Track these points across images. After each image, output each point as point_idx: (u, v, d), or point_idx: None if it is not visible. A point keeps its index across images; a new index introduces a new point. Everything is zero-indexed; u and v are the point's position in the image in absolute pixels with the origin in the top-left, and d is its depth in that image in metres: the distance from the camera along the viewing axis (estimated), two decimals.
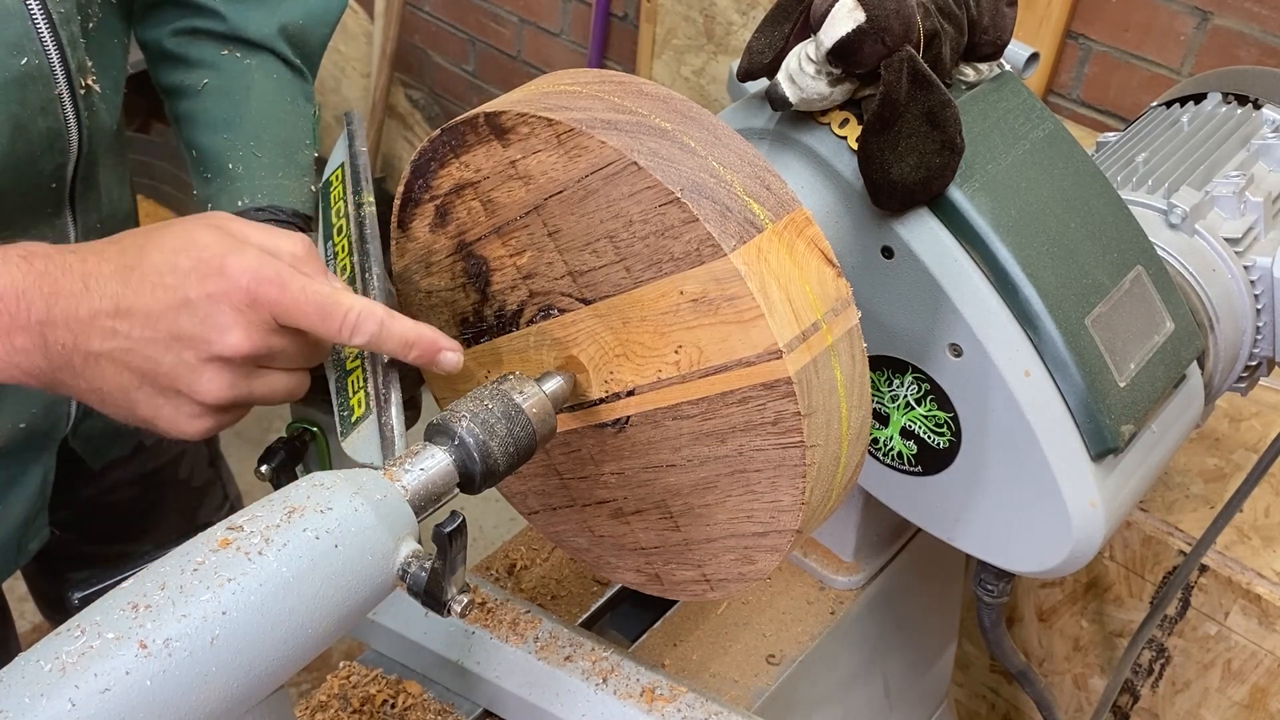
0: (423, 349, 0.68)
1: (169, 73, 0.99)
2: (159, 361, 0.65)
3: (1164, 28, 1.83)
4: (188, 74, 0.97)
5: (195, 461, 1.32)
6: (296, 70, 1.01)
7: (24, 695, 0.48)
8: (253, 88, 0.96)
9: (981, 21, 0.77)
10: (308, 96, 1.02)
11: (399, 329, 0.67)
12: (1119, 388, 0.79)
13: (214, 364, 0.65)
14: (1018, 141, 0.80)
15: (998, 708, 1.51)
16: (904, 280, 0.78)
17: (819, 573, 1.05)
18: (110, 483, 1.19)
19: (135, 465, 1.22)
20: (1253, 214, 0.96)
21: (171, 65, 0.99)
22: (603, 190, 0.63)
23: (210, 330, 0.64)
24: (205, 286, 0.64)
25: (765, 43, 0.75)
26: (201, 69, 0.97)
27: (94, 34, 0.88)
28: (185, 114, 0.98)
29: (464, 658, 0.89)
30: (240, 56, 0.98)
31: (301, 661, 0.55)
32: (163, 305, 0.64)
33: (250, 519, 0.56)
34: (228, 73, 0.97)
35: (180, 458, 1.29)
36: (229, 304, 0.64)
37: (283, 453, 0.81)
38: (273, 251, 0.67)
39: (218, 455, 1.38)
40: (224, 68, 0.97)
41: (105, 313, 0.64)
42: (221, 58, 0.97)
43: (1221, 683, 1.24)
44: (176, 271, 0.64)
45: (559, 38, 2.75)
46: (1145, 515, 1.22)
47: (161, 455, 1.25)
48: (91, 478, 1.15)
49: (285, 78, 1.00)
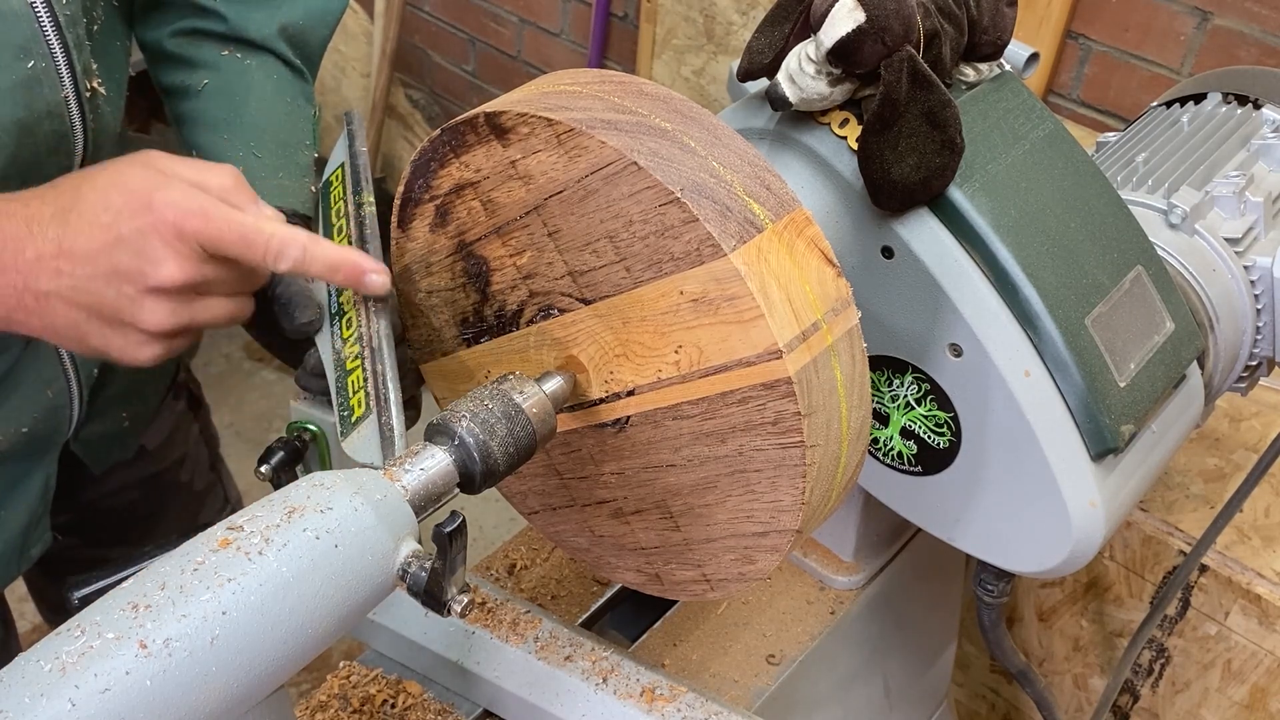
0: (347, 271, 0.71)
1: (169, 73, 0.99)
2: (102, 296, 0.69)
3: (1164, 28, 1.83)
4: (188, 74, 0.97)
5: (197, 465, 1.31)
6: (296, 71, 1.01)
7: (24, 695, 0.48)
8: (253, 88, 0.97)
9: (981, 21, 0.77)
10: (308, 97, 1.02)
11: (322, 252, 0.70)
12: (1119, 388, 0.79)
13: (153, 295, 0.69)
14: (1018, 141, 0.80)
15: (998, 708, 1.51)
16: (904, 280, 0.78)
17: (819, 573, 1.05)
18: (112, 487, 1.19)
19: (137, 469, 1.21)
20: (1253, 214, 0.96)
21: (172, 66, 0.99)
22: (603, 190, 0.63)
23: (145, 264, 0.67)
24: (135, 222, 0.67)
25: (765, 43, 0.75)
26: (202, 69, 0.97)
27: (98, 36, 0.88)
28: (186, 114, 0.98)
29: (464, 658, 0.89)
30: (241, 57, 0.98)
31: (301, 661, 0.55)
32: (99, 243, 0.68)
33: (250, 519, 0.56)
34: (228, 73, 0.97)
35: (182, 461, 1.28)
36: (158, 237, 0.67)
37: (283, 453, 0.81)
38: (200, 184, 0.70)
39: (218, 458, 1.38)
40: (224, 68, 0.97)
41: (49, 254, 0.68)
42: (222, 58, 0.97)
43: (1221, 683, 1.24)
44: (109, 210, 0.68)
45: (559, 38, 2.75)
46: (1145, 515, 1.22)
47: (163, 459, 1.25)
48: (93, 482, 1.15)
49: (285, 78, 1.00)
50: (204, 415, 1.35)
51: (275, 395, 2.77)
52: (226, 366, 2.86)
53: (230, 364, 2.86)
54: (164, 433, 1.24)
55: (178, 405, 1.26)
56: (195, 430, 1.31)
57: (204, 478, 1.33)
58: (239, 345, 2.91)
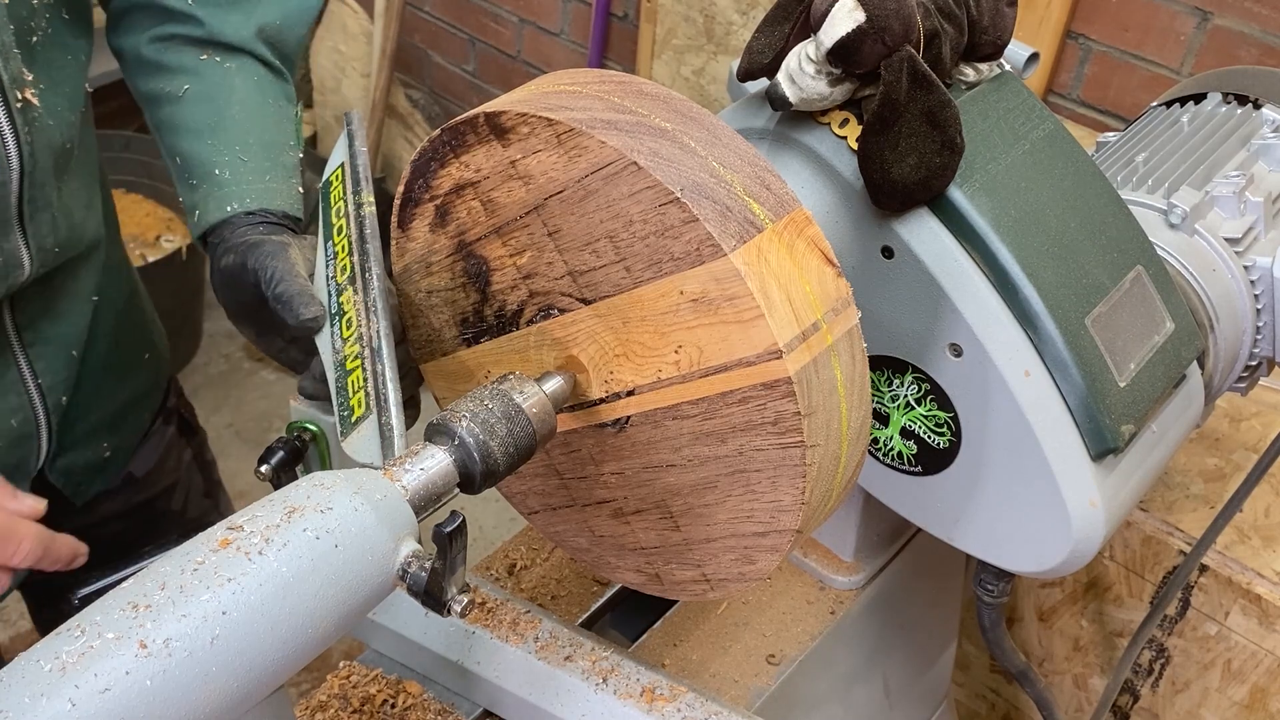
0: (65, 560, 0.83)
1: (147, 80, 0.98)
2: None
3: (1164, 28, 1.83)
4: (168, 81, 0.96)
5: (190, 492, 1.28)
6: (276, 71, 1.00)
7: (24, 695, 0.48)
8: (234, 91, 0.96)
9: (981, 21, 0.77)
10: (289, 97, 1.01)
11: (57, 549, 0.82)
12: (1119, 388, 0.79)
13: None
14: (1018, 141, 0.80)
15: (998, 708, 1.51)
16: (904, 280, 0.78)
17: (819, 573, 1.05)
18: (98, 516, 1.16)
19: (123, 498, 1.19)
20: (1253, 214, 0.96)
21: (149, 72, 0.98)
22: (603, 190, 0.63)
23: None
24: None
25: (765, 43, 0.75)
26: (181, 75, 0.96)
27: (40, 47, 0.87)
28: (166, 121, 0.97)
29: (464, 658, 0.89)
30: (219, 60, 0.97)
31: (301, 661, 0.55)
32: None
33: (250, 519, 0.56)
34: (208, 78, 0.96)
35: (173, 489, 1.25)
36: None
37: (283, 453, 0.81)
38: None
39: (215, 485, 1.34)
40: (204, 73, 0.96)
41: None
42: (201, 63, 0.96)
43: (1221, 683, 1.24)
44: None
45: (559, 38, 2.75)
46: (1145, 515, 1.22)
47: (152, 487, 1.22)
48: (76, 511, 1.13)
49: (266, 80, 0.99)
50: (198, 441, 1.31)
51: (275, 395, 2.77)
52: (226, 366, 2.86)
53: (230, 364, 2.86)
54: (153, 460, 1.21)
55: (168, 431, 1.24)
56: (188, 456, 1.28)
57: (198, 505, 1.29)
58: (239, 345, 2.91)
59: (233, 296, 0.87)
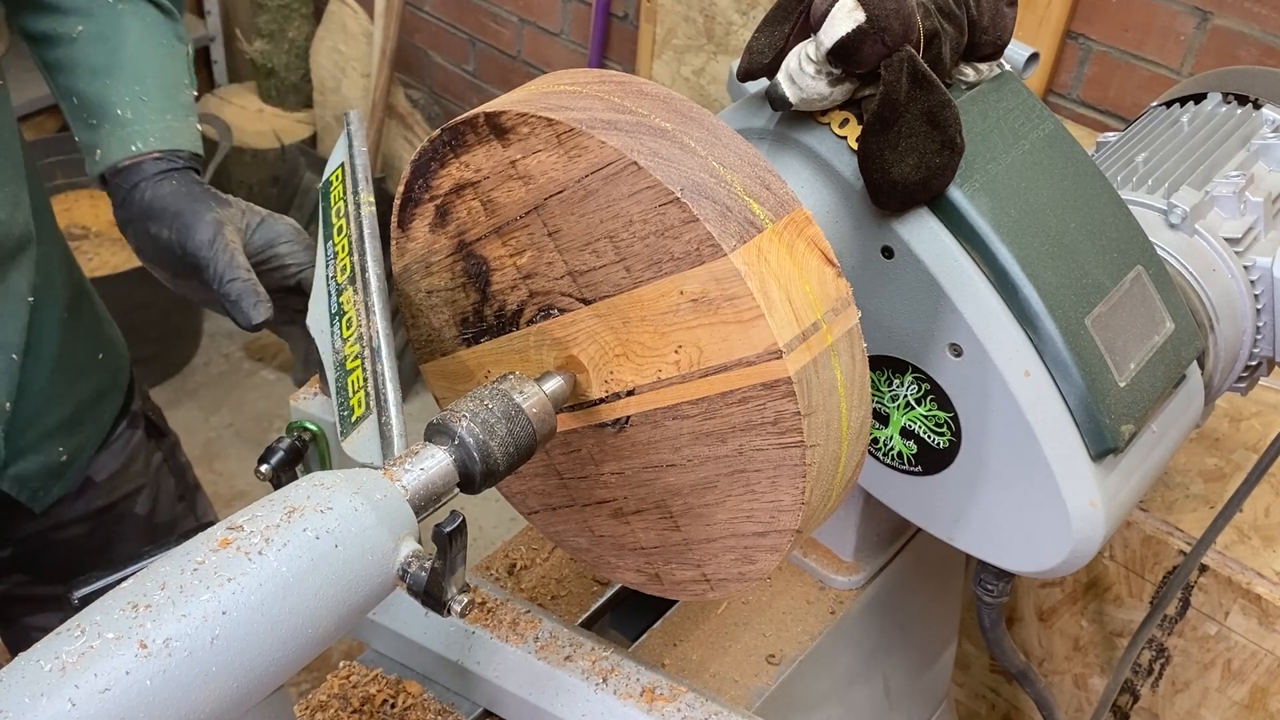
0: None
1: (36, 20, 0.98)
2: None
3: (1164, 28, 1.83)
4: (59, 21, 0.97)
5: (158, 497, 1.24)
6: (165, 11, 1.01)
7: (24, 695, 0.48)
8: (128, 32, 0.97)
9: (981, 21, 0.77)
10: (180, 36, 1.02)
11: None
12: (1119, 388, 0.79)
13: None
14: (1018, 141, 0.80)
15: (998, 708, 1.51)
16: (904, 280, 0.78)
17: (819, 573, 1.05)
18: (55, 520, 1.14)
19: (83, 502, 1.16)
20: (1253, 214, 0.96)
21: (38, 12, 0.98)
22: (603, 190, 0.63)
23: None
24: None
25: (765, 43, 0.75)
26: (74, 16, 0.97)
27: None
28: (59, 61, 0.97)
29: (464, 658, 0.89)
30: (111, 1, 0.97)
31: (301, 662, 0.55)
32: None
33: (250, 519, 0.56)
34: (101, 18, 0.97)
35: (137, 493, 1.22)
36: None
37: (283, 453, 0.81)
38: None
39: (190, 490, 1.31)
40: (96, 13, 0.97)
41: None
42: (93, 3, 0.97)
43: (1221, 683, 1.24)
44: None
45: (559, 38, 2.75)
46: (1145, 515, 1.22)
47: (114, 491, 1.19)
48: (33, 517, 1.11)
49: (157, 19, 1.00)
50: (169, 444, 1.28)
51: (275, 395, 2.77)
52: (226, 366, 2.86)
53: (230, 364, 2.86)
54: (115, 464, 1.18)
55: (134, 435, 1.21)
56: (157, 460, 1.25)
57: (169, 509, 1.26)
58: (239, 345, 2.91)
59: (150, 245, 0.88)
